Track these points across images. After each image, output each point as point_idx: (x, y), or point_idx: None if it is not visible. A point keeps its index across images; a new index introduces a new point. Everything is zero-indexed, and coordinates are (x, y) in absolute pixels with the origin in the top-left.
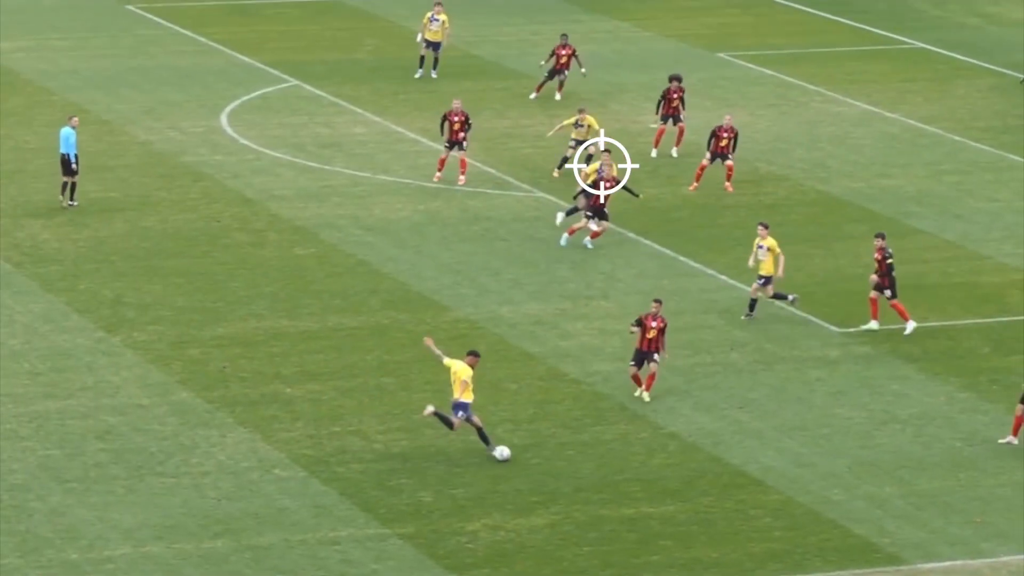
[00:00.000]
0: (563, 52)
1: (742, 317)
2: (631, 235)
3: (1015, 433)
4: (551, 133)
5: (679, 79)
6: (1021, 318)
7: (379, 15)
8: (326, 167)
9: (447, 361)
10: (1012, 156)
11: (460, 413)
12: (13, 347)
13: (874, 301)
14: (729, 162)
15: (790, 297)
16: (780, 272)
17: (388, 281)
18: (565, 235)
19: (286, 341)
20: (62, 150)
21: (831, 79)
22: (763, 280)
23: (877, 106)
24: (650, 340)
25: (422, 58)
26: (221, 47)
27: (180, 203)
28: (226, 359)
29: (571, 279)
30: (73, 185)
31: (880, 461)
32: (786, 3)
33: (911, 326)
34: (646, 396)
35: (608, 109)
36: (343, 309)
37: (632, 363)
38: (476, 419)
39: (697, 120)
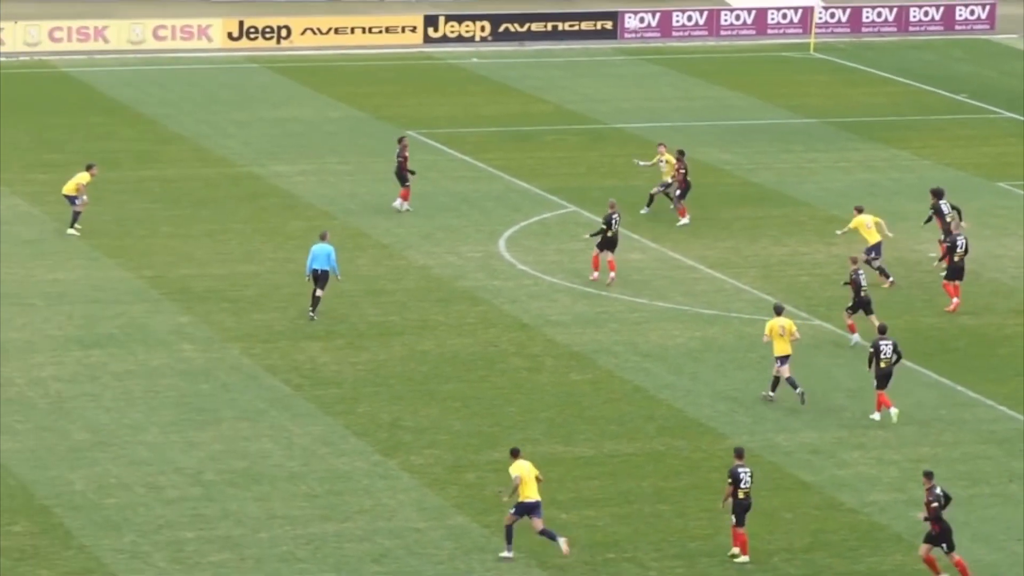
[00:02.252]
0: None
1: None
2: (909, 364)
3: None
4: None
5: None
6: None
7: (653, 141)
8: (603, 293)
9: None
10: None
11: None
12: (292, 469)
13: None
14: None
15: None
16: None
17: (664, 408)
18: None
19: (562, 467)
20: (320, 266)
21: None
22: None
23: None
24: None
25: (651, 196)
26: (500, 173)
27: (457, 327)
28: (502, 484)
29: (848, 407)
30: (319, 299)
31: None
32: None
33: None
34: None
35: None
36: (619, 435)
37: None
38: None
39: (978, 250)
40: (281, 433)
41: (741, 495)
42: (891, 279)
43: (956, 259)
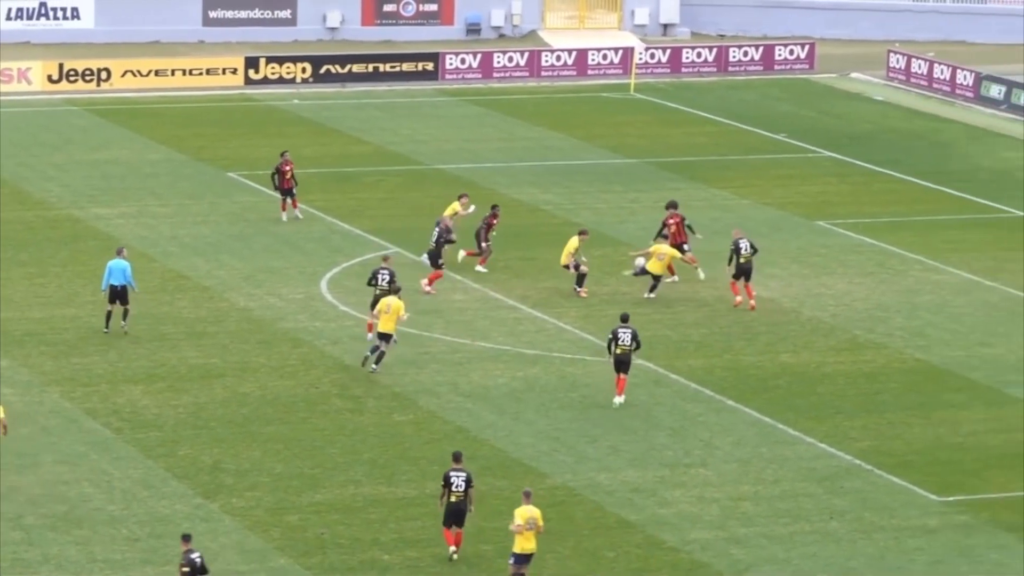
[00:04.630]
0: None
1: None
2: (730, 403)
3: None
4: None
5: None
6: None
7: (478, 182)
8: (425, 333)
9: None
10: None
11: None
12: (112, 512)
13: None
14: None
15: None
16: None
17: (486, 448)
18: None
19: (384, 507)
20: (117, 282)
21: (930, 247)
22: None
23: (977, 275)
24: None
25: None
26: (321, 214)
27: (279, 369)
28: (324, 525)
29: (669, 446)
30: (126, 311)
31: None
32: (884, 171)
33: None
34: None
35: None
36: (440, 476)
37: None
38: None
39: (798, 289)
40: (101, 477)
41: (453, 499)
42: (581, 290)
43: (742, 261)
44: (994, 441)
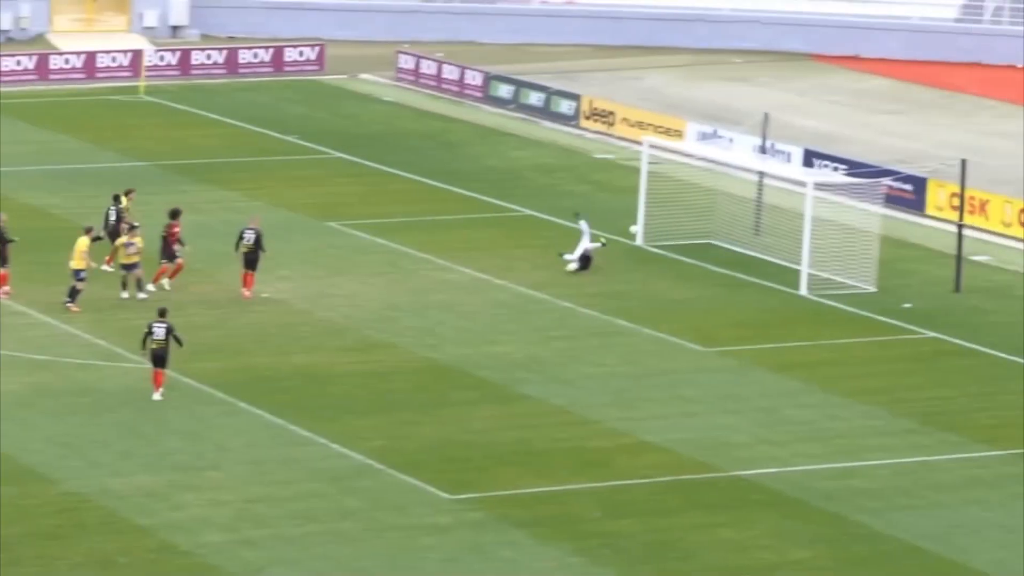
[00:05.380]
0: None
1: None
2: (243, 405)
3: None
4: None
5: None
6: (630, 482)
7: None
8: None
9: None
10: (619, 321)
11: None
12: None
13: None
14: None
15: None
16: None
17: None
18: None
19: None
20: None
21: (440, 246)
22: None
23: (486, 273)
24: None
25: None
26: None
27: None
28: None
29: (182, 450)
30: None
31: None
32: (395, 172)
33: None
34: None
35: (214, 278)
36: None
37: None
38: None
39: (309, 290)
40: None
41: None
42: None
43: (245, 251)
44: (504, 438)
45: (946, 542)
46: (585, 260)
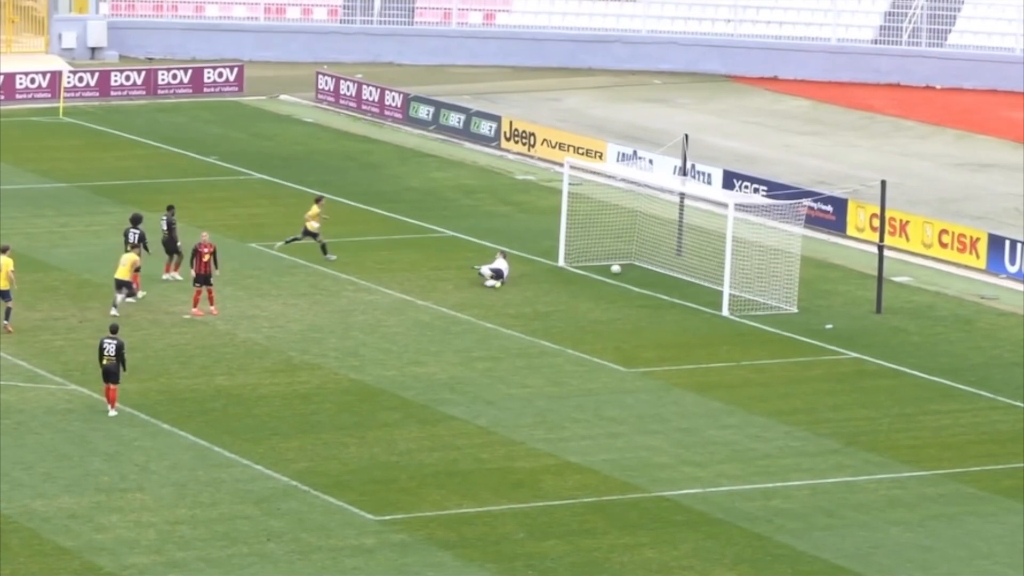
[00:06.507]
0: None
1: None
2: (166, 426)
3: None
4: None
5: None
6: (555, 503)
7: None
8: None
9: None
10: (542, 342)
11: None
12: None
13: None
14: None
15: None
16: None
17: None
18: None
19: None
20: None
21: (363, 268)
22: None
23: (409, 294)
24: None
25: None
26: None
27: None
28: None
29: (105, 471)
30: None
31: None
32: (317, 193)
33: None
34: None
35: (136, 299)
36: None
37: None
38: None
39: (232, 311)
40: None
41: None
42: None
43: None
44: (428, 459)
45: (867, 562)
46: (499, 272)
